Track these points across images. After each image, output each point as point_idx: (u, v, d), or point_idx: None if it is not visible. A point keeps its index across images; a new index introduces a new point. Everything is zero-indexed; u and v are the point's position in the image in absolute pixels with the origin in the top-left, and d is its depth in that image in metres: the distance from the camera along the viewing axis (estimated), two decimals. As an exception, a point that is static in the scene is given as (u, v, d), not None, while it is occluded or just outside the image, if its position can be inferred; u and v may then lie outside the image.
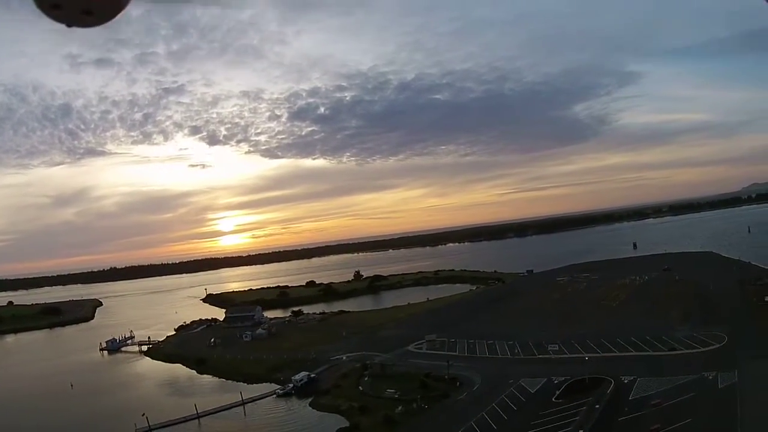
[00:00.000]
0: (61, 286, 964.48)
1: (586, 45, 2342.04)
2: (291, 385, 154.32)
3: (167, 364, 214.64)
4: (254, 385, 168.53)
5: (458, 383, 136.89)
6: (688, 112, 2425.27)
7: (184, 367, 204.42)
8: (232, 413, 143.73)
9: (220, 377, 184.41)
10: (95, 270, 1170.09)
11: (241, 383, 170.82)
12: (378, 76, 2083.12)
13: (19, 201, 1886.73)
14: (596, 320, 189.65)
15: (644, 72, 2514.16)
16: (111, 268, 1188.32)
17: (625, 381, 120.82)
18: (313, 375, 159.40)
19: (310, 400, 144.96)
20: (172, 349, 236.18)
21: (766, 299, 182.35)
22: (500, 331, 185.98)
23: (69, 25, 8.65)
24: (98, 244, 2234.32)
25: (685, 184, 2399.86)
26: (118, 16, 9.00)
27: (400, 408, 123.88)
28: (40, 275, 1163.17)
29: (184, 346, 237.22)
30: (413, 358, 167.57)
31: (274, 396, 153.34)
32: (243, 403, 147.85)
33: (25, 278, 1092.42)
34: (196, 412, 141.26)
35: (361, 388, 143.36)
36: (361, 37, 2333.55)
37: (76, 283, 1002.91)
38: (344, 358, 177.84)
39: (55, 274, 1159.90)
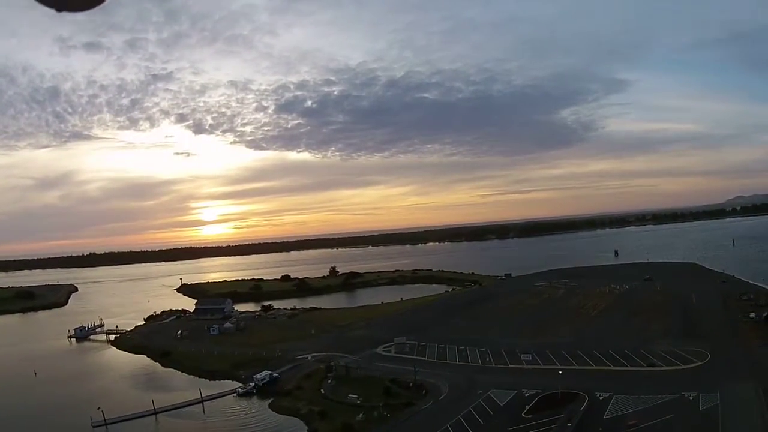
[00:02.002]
0: (40, 270, 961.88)
1: (576, 50, 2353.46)
2: (252, 384, 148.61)
3: (132, 354, 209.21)
4: (216, 381, 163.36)
5: (424, 391, 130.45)
6: (675, 122, 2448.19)
7: (149, 359, 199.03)
8: (190, 411, 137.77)
9: (183, 371, 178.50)
10: (75, 255, 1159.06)
11: (204, 379, 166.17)
12: (367, 72, 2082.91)
13: (3, 182, 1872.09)
14: (573, 330, 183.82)
15: (633, 80, 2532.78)
16: (90, 253, 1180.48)
17: (600, 397, 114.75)
18: (275, 374, 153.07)
19: (270, 400, 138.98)
20: (138, 339, 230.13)
21: (750, 316, 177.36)
22: (473, 337, 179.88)
23: (59, 10, 8.23)
24: (80, 229, 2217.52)
25: (669, 193, 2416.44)
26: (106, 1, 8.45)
27: (361, 415, 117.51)
28: (21, 258, 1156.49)
29: (151, 337, 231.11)
30: (380, 362, 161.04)
31: (235, 395, 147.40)
32: (202, 400, 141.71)
33: (5, 260, 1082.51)
34: (153, 408, 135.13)
35: (323, 391, 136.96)
36: (351, 32, 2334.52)
37: (55, 267, 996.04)
38: (309, 357, 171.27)
39: (35, 258, 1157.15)
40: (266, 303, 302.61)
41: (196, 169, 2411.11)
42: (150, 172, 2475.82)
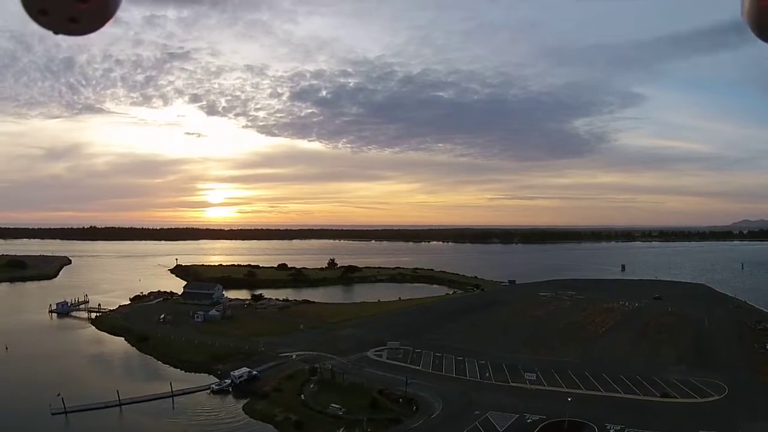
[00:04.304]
0: (39, 240, 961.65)
1: (594, 60, 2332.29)
2: (229, 381, 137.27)
3: (111, 336, 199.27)
4: (191, 374, 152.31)
5: (415, 407, 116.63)
6: (686, 141, 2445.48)
7: (127, 342, 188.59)
8: (158, 405, 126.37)
9: (159, 359, 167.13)
10: (75, 227, 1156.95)
11: (179, 370, 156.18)
12: (384, 66, 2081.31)
13: (11, 150, 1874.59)
14: (580, 347, 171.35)
15: (648, 95, 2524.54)
16: (91, 226, 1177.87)
17: (611, 430, 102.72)
18: (254, 372, 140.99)
19: (245, 401, 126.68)
20: (119, 320, 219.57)
21: (767, 347, 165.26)
22: (472, 347, 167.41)
23: (56, 33, 8.39)
24: (85, 202, 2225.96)
25: (675, 211, 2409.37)
26: (105, 26, 8.63)
27: (341, 430, 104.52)
28: (22, 226, 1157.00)
29: (133, 318, 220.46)
30: (370, 367, 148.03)
31: (209, 391, 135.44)
32: (172, 395, 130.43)
33: (5, 228, 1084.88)
34: (118, 398, 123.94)
35: (303, 396, 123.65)
36: (371, 24, 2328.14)
37: (55, 238, 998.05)
38: (294, 356, 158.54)
39: (36, 227, 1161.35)
40: (258, 292, 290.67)
41: (206, 151, 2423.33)
42: (159, 150, 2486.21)
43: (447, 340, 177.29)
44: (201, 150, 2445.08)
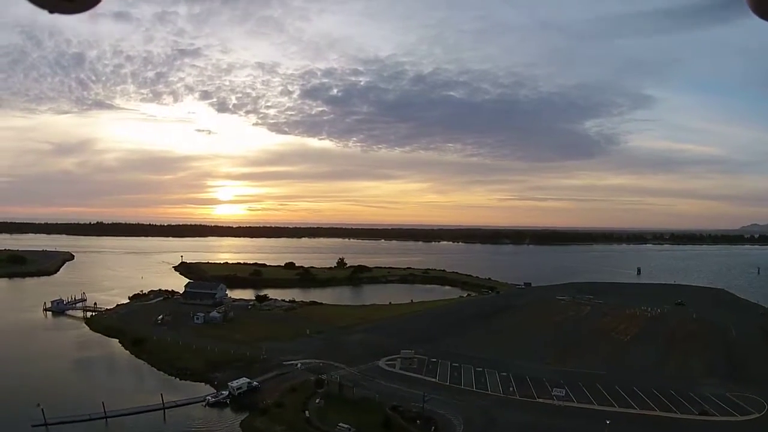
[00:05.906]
0: (45, 235, 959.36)
1: (606, 62, 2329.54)
2: (226, 393, 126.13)
3: (105, 337, 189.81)
4: (186, 382, 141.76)
5: (433, 427, 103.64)
6: (696, 144, 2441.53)
7: (120, 345, 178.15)
8: (148, 419, 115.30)
9: (152, 365, 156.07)
10: (82, 222, 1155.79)
11: (173, 378, 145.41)
12: (395, 65, 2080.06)
13: (21, 145, 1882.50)
14: (606, 357, 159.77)
15: (660, 97, 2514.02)
16: (97, 222, 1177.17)
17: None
18: (254, 383, 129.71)
19: (244, 417, 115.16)
20: (114, 321, 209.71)
21: None
22: (492, 356, 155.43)
23: (51, 12, 8.14)
24: (94, 197, 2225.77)
25: (685, 214, 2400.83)
26: (100, 4, 8.35)
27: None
28: (29, 221, 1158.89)
29: (129, 319, 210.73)
30: (382, 379, 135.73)
31: (204, 404, 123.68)
32: (164, 407, 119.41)
33: (12, 222, 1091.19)
34: (103, 410, 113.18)
35: (308, 413, 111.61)
36: (382, 23, 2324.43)
37: (61, 233, 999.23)
38: (299, 365, 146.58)
39: (43, 222, 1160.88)
40: (264, 292, 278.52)
41: (216, 148, 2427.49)
42: (169, 146, 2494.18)
43: (464, 348, 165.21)
44: (211, 147, 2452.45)
